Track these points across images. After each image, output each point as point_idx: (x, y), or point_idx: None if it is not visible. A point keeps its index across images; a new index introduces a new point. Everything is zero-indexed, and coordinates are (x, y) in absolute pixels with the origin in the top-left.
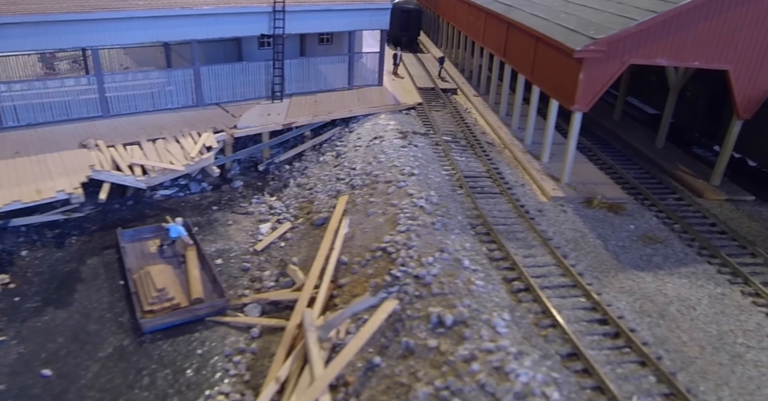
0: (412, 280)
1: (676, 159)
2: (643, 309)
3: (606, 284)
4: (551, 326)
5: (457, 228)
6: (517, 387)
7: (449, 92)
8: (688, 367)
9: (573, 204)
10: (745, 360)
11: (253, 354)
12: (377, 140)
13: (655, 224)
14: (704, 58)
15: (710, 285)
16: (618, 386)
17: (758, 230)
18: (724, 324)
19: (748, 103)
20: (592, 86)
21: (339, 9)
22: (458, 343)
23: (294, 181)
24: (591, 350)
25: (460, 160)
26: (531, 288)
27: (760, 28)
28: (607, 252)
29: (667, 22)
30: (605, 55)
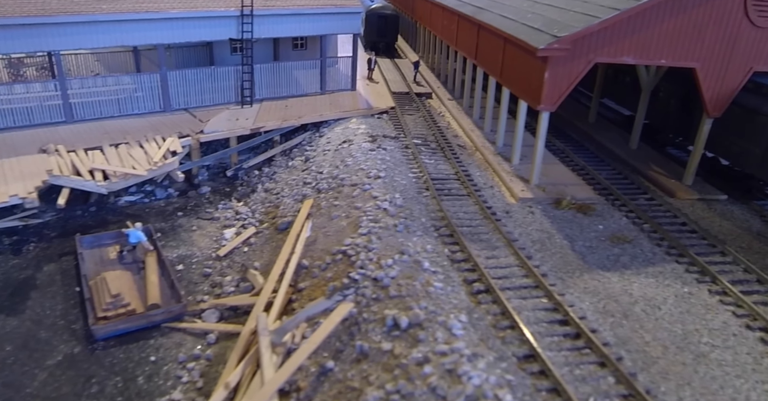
0: (371, 283)
1: (650, 159)
2: (606, 310)
3: (570, 285)
4: (509, 328)
5: (419, 230)
6: (468, 389)
7: (424, 96)
8: (650, 367)
9: (542, 206)
10: (710, 359)
11: (207, 361)
12: (346, 144)
13: (625, 224)
14: (671, 56)
15: (677, 285)
16: (575, 387)
17: (729, 229)
18: (689, 323)
19: (716, 101)
20: (558, 85)
21: (309, 13)
22: (412, 346)
23: (262, 186)
24: (549, 351)
25: (429, 162)
26: (491, 290)
27: (725, 25)
28: (573, 253)
29: (632, 20)
30: (570, 54)
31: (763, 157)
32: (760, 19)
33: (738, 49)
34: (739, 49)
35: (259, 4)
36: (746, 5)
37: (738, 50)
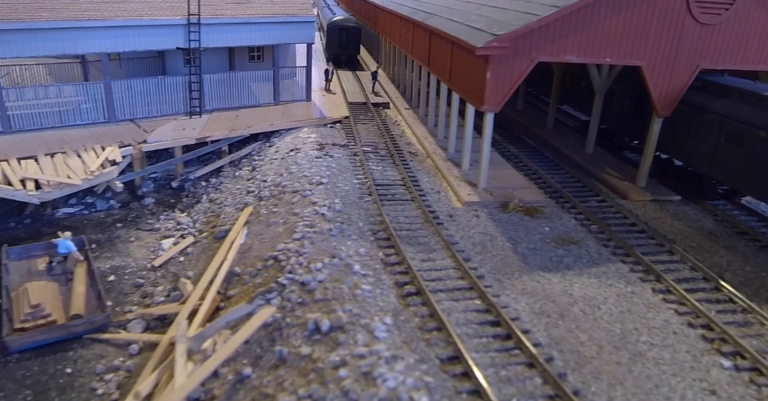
0: (297, 287)
1: (605, 163)
2: (543, 310)
3: (507, 286)
4: (436, 329)
5: (355, 234)
6: (382, 392)
7: (381, 106)
8: (582, 368)
9: (488, 209)
10: (647, 358)
11: (127, 372)
12: (293, 152)
13: (573, 226)
14: (615, 54)
15: (620, 284)
16: (498, 389)
17: (681, 228)
18: (629, 322)
19: (665, 99)
20: (501, 85)
21: (260, 22)
22: (332, 350)
23: (207, 197)
24: (475, 353)
25: (376, 169)
26: (422, 292)
27: (669, 22)
28: (515, 255)
29: (573, 17)
30: (512, 53)
31: (712, 156)
32: (704, 15)
33: (683, 46)
34: (685, 46)
35: (207, 12)
36: (689, 2)
37: (683, 48)
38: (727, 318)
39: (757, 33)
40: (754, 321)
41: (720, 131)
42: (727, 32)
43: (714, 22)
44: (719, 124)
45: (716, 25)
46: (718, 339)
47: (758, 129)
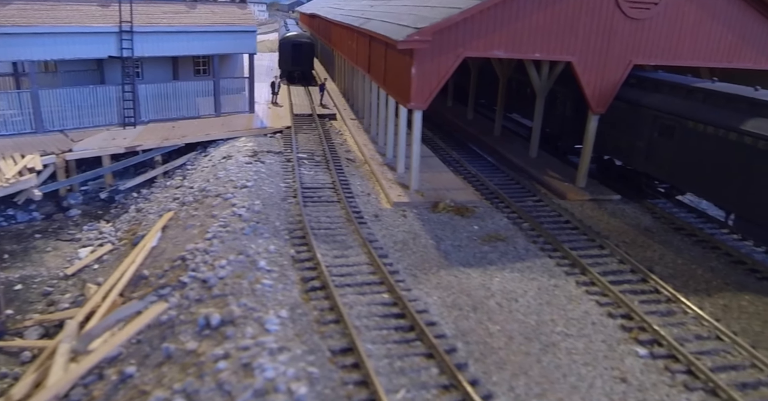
0: (198, 285)
1: (547, 166)
2: (455, 304)
3: (422, 281)
4: (334, 322)
5: (268, 233)
6: (258, 383)
7: (327, 117)
8: (487, 358)
9: (417, 210)
10: (559, 348)
11: (14, 380)
12: (225, 159)
13: (504, 224)
14: (545, 49)
15: (543, 278)
16: (388, 379)
17: (617, 225)
18: (546, 314)
19: (599, 96)
20: (428, 82)
21: (198, 31)
22: (218, 344)
23: (135, 207)
24: (372, 344)
25: (308, 173)
26: (326, 287)
27: (598, 17)
28: (436, 252)
29: (498, 11)
30: (436, 47)
31: (647, 151)
32: (633, 10)
33: (614, 42)
34: (616, 42)
35: (142, 21)
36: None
37: (615, 43)
38: (649, 308)
39: (688, 28)
40: (678, 310)
41: (653, 125)
42: (657, 28)
43: (644, 17)
44: (652, 119)
45: (646, 20)
46: (637, 328)
47: (687, 120)
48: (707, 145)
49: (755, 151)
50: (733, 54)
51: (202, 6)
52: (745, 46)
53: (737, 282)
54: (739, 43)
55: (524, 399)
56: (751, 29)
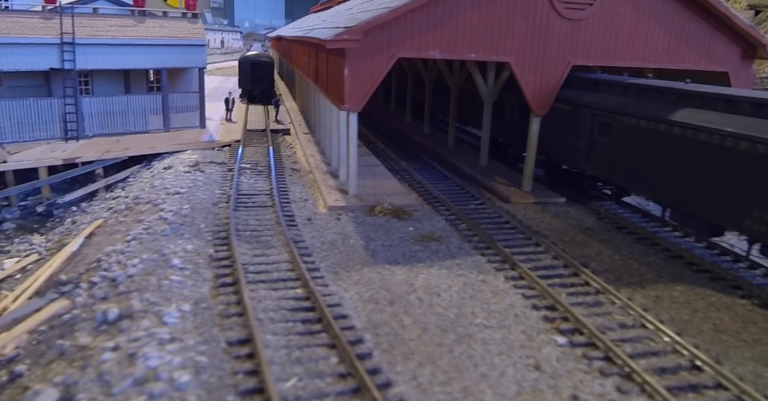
0: (107, 283)
1: (496, 173)
2: (372, 298)
3: (343, 278)
4: (237, 315)
5: (190, 234)
6: (139, 371)
7: (280, 132)
8: (395, 349)
9: (353, 213)
10: (474, 339)
11: None
12: (165, 170)
13: (441, 226)
14: (481, 50)
15: (471, 274)
16: (281, 368)
17: (558, 226)
18: (467, 307)
19: (539, 97)
20: (361, 83)
21: (145, 44)
22: (112, 338)
23: (71, 220)
24: (272, 336)
25: (247, 182)
26: (238, 283)
27: (533, 18)
28: (364, 251)
29: (431, 11)
30: (369, 48)
31: (588, 152)
32: (568, 11)
33: (551, 42)
34: (553, 42)
35: (86, 33)
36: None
37: (552, 44)
38: (576, 300)
39: (625, 29)
40: (606, 301)
41: (592, 125)
42: (594, 28)
43: (579, 18)
44: (591, 118)
45: (582, 20)
46: (560, 319)
47: (622, 116)
48: (641, 140)
49: (684, 141)
50: (672, 55)
51: (151, 20)
52: (683, 47)
53: (672, 275)
54: (677, 44)
55: (426, 387)
56: (689, 31)
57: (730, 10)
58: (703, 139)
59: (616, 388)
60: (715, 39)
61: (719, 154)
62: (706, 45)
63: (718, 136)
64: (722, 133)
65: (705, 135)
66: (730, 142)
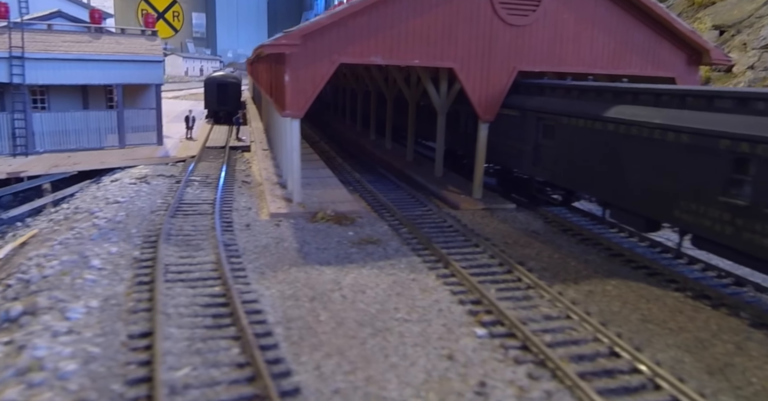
0: (21, 284)
1: (450, 183)
2: (293, 295)
3: (269, 278)
4: (145, 311)
5: (118, 238)
6: (23, 361)
7: (240, 149)
8: (304, 341)
9: (294, 220)
10: (392, 332)
11: None
12: (111, 182)
13: (383, 230)
14: (425, 56)
15: (403, 273)
16: (177, 359)
17: (503, 229)
18: (391, 303)
19: (486, 103)
20: (302, 89)
21: (98, 59)
22: (10, 334)
23: (12, 234)
24: (177, 329)
25: (192, 192)
26: (155, 281)
27: (476, 24)
28: (297, 254)
29: (373, 17)
30: (310, 53)
31: (534, 156)
32: (511, 17)
33: (496, 48)
34: (497, 48)
35: (38, 47)
36: (493, 4)
37: (496, 50)
38: (504, 295)
39: (570, 35)
40: (535, 295)
41: (537, 128)
42: (539, 34)
43: (523, 24)
44: (535, 121)
45: (526, 26)
46: (484, 312)
47: (562, 116)
48: (580, 139)
49: (617, 137)
50: (618, 60)
51: (108, 37)
52: (629, 53)
53: (609, 272)
54: (623, 50)
55: (328, 376)
56: (634, 37)
57: (673, 17)
58: (634, 134)
59: (527, 375)
60: (660, 45)
61: (648, 147)
62: (651, 51)
63: (647, 128)
64: (650, 125)
65: (635, 129)
66: (657, 133)
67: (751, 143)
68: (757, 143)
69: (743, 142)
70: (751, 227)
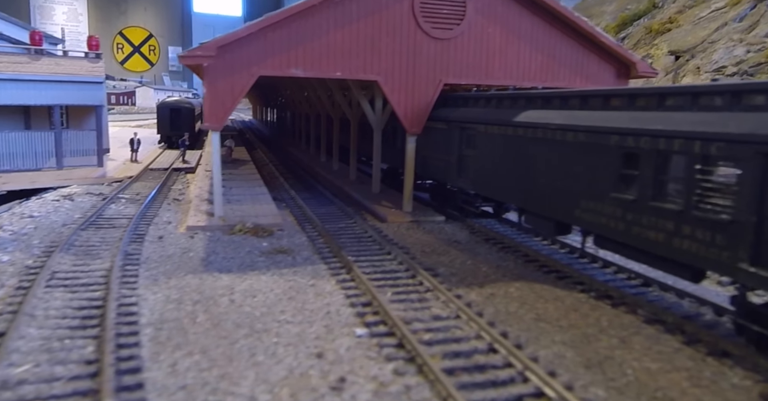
0: None
1: (384, 198)
2: (179, 300)
3: (160, 283)
4: (9, 313)
5: (14, 247)
6: None
7: (183, 171)
8: (171, 341)
9: (211, 232)
10: (269, 333)
11: None
12: (35, 200)
13: (300, 242)
14: (347, 69)
15: (304, 279)
16: (23, 356)
17: (425, 239)
18: (279, 306)
19: (412, 117)
20: (221, 101)
21: (35, 80)
22: None
23: None
24: (36, 329)
25: (116, 208)
26: (35, 286)
27: (399, 37)
28: (199, 262)
29: (292, 30)
30: (228, 65)
31: (459, 166)
32: (435, 30)
33: (421, 61)
34: (422, 61)
35: None
36: (416, 17)
37: (421, 63)
38: (398, 298)
39: (497, 49)
40: (431, 298)
41: (460, 139)
42: (464, 47)
43: (448, 37)
44: (459, 131)
45: (451, 40)
46: (371, 313)
47: (480, 124)
48: (495, 146)
49: (526, 141)
50: (547, 74)
51: (48, 58)
52: (557, 66)
53: (518, 276)
54: (551, 63)
55: (181, 372)
56: (561, 50)
57: (598, 31)
58: (539, 137)
59: (393, 371)
60: (588, 59)
61: (552, 149)
62: (580, 64)
63: (549, 130)
64: (551, 126)
65: (540, 132)
66: (559, 134)
67: (636, 137)
68: (640, 136)
69: (629, 137)
70: (638, 221)
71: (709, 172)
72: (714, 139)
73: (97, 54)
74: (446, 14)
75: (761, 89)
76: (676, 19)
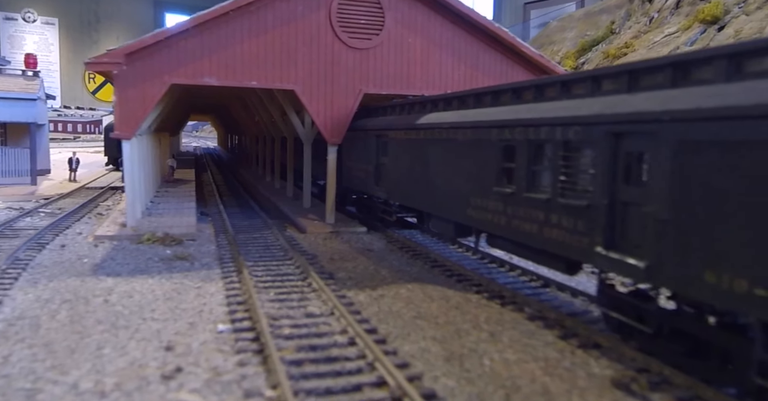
0: None
1: (312, 212)
2: (49, 299)
3: (39, 286)
4: None
5: None
6: None
7: (121, 189)
8: (17, 335)
9: (119, 242)
10: (129, 329)
11: None
12: None
13: (206, 250)
14: (263, 78)
15: (191, 282)
16: None
17: (339, 248)
18: (153, 306)
19: (332, 126)
20: (132, 109)
21: None
22: None
23: None
24: None
25: (30, 221)
26: None
27: (317, 47)
28: (89, 267)
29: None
30: (138, 73)
31: (375, 175)
32: (353, 40)
33: (339, 71)
34: (341, 71)
35: None
36: (333, 27)
37: (340, 72)
38: (277, 297)
39: (418, 58)
40: (313, 297)
41: (376, 147)
42: (384, 57)
43: (367, 47)
44: (375, 139)
45: (370, 49)
46: (242, 311)
47: (391, 130)
48: (402, 152)
49: (426, 144)
50: (470, 83)
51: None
52: (481, 75)
53: (417, 279)
54: (474, 73)
55: (11, 363)
56: (484, 60)
57: (520, 42)
58: (436, 137)
59: (237, 362)
60: (512, 68)
61: (447, 149)
62: (504, 74)
63: (444, 130)
64: (445, 125)
65: (437, 132)
66: (451, 133)
67: (511, 128)
68: (515, 127)
69: (506, 129)
70: (516, 213)
71: (570, 158)
72: (572, 124)
73: (35, 72)
74: (364, 24)
75: (614, 74)
76: (632, 43)
